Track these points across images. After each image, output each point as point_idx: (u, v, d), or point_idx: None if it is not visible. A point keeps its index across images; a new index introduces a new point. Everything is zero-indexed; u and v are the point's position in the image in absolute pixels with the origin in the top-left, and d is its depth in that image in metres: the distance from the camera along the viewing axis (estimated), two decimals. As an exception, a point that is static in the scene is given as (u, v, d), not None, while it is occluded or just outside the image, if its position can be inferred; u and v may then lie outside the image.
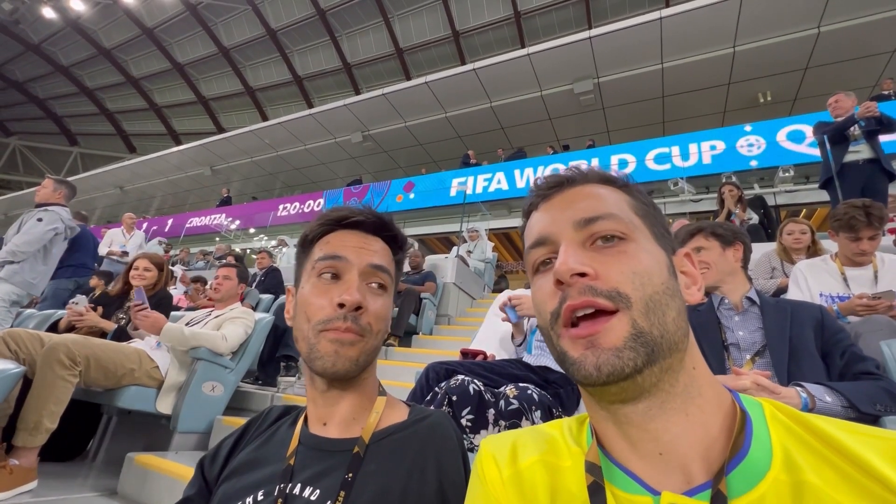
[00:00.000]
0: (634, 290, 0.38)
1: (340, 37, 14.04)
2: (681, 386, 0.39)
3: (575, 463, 0.42)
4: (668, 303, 0.39)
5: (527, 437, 0.48)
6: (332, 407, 0.61)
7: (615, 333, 0.37)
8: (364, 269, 0.61)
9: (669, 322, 0.38)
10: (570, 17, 11.89)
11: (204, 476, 0.63)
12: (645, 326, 0.37)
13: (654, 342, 0.37)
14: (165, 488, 1.63)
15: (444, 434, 0.60)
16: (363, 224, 0.65)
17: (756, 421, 0.38)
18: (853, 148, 3.52)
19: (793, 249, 2.65)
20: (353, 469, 0.54)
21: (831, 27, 6.75)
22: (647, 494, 0.37)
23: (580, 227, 0.42)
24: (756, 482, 0.34)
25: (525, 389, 1.13)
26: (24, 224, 2.99)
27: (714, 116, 8.84)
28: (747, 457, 0.36)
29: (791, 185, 6.34)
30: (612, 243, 0.41)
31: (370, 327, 0.60)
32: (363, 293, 0.59)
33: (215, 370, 2.18)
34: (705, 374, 0.40)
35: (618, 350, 0.37)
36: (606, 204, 0.43)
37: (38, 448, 1.53)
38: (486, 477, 0.46)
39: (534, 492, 0.43)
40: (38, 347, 1.80)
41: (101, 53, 16.17)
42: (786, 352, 1.20)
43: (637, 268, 0.40)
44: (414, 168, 11.30)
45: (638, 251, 0.41)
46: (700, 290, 0.44)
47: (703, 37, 7.27)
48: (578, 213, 0.43)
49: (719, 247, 1.40)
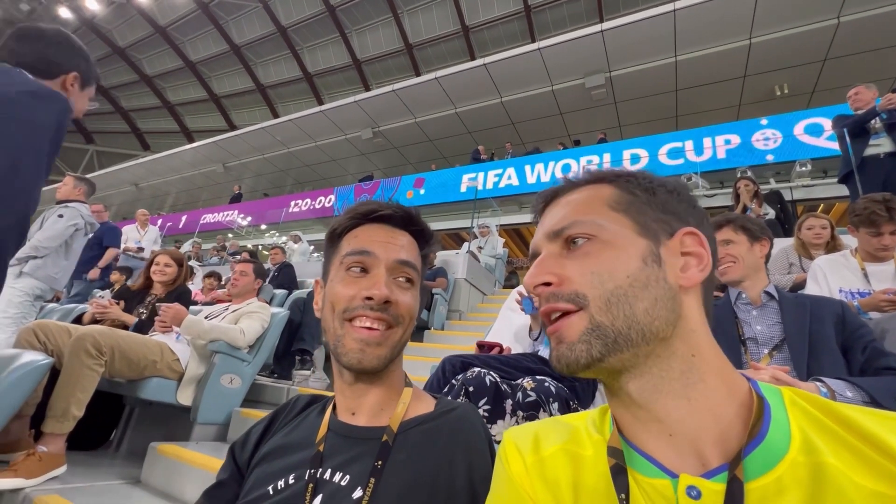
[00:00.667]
0: (592, 288, 0.41)
1: (350, 33, 14.07)
2: (675, 372, 0.40)
3: (597, 452, 0.44)
4: (637, 294, 0.40)
5: (549, 427, 0.50)
6: (360, 398, 0.62)
7: (573, 329, 0.41)
8: (391, 264, 0.62)
9: (640, 312, 0.40)
10: (581, 10, 11.75)
11: (235, 461, 0.65)
12: (604, 321, 0.40)
13: (617, 332, 0.40)
14: (187, 477, 1.67)
15: (473, 426, 0.61)
16: (391, 218, 0.66)
17: (775, 407, 0.39)
18: (874, 141, 3.43)
19: (812, 245, 2.61)
20: (383, 457, 0.56)
21: (852, 17, 6.58)
22: (666, 477, 0.38)
23: (552, 239, 0.46)
24: (773, 465, 0.35)
25: (542, 382, 1.14)
26: (46, 220, 3.07)
27: (729, 110, 8.69)
28: (765, 440, 0.36)
29: (808, 179, 6.22)
30: (579, 246, 0.44)
31: (400, 320, 0.61)
32: (391, 287, 0.60)
33: (233, 363, 2.23)
34: (710, 362, 0.41)
35: (571, 344, 0.41)
36: (574, 211, 0.46)
37: (66, 435, 1.58)
38: (510, 465, 0.48)
39: (556, 479, 0.44)
40: (65, 339, 1.86)
41: (115, 52, 16.41)
42: (805, 347, 1.19)
43: (596, 267, 0.42)
44: (424, 164, 11.31)
45: (601, 250, 0.43)
46: (703, 271, 0.44)
47: (717, 29, 7.14)
48: (550, 225, 0.47)
49: (747, 241, 1.38)
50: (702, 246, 0.45)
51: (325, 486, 0.55)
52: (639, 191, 0.46)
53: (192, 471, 1.67)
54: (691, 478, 0.37)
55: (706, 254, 0.44)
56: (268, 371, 3.32)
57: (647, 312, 0.40)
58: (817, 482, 0.33)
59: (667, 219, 0.45)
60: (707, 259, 0.44)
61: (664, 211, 0.46)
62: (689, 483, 0.36)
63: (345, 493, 0.54)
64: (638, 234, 0.44)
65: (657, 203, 0.46)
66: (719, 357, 0.42)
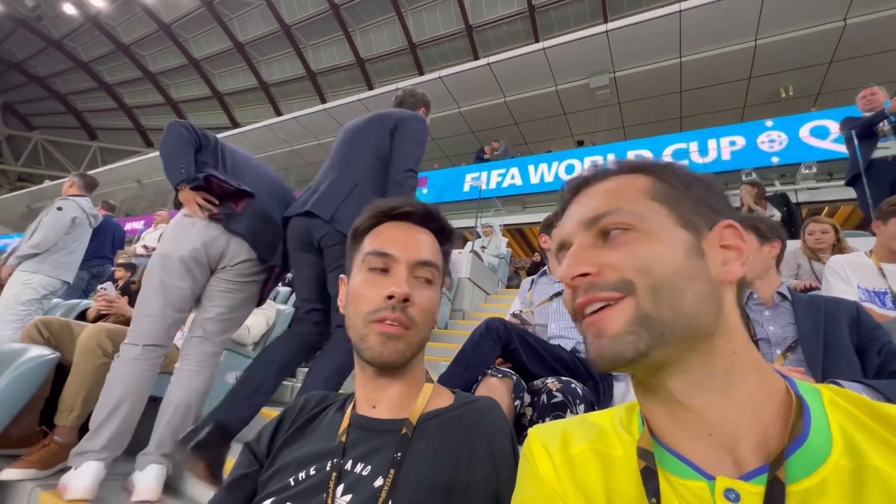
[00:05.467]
0: (639, 274, 0.39)
1: (353, 31, 14.05)
2: (719, 369, 0.39)
3: (626, 451, 0.43)
4: (684, 285, 0.39)
5: (576, 425, 0.48)
6: (381, 392, 0.63)
7: (617, 320, 0.39)
8: (411, 263, 0.63)
9: (686, 305, 0.38)
10: (586, 10, 11.71)
11: (255, 455, 0.65)
12: (651, 310, 0.38)
13: (664, 324, 0.38)
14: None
15: (493, 418, 0.61)
16: (411, 215, 0.67)
17: (814, 407, 0.38)
18: (882, 144, 3.42)
19: (817, 249, 2.60)
20: (402, 449, 0.56)
21: (859, 19, 6.55)
22: (701, 479, 0.37)
23: (588, 227, 0.44)
24: (816, 467, 0.34)
25: (569, 383, 1.12)
26: (46, 217, 3.08)
27: (733, 111, 8.67)
28: (806, 442, 0.35)
29: (814, 182, 6.20)
30: (618, 236, 0.42)
31: (417, 319, 0.61)
32: (411, 286, 0.61)
33: (239, 360, 2.22)
34: (750, 360, 0.40)
35: (616, 337, 0.38)
36: (613, 199, 0.44)
37: (78, 427, 1.58)
38: (538, 464, 0.46)
39: (586, 479, 0.43)
40: (67, 335, 1.86)
41: (119, 49, 16.43)
42: (820, 348, 1.18)
43: (642, 254, 0.40)
44: (427, 163, 11.29)
45: (644, 239, 0.41)
46: (743, 265, 0.42)
47: (723, 30, 7.12)
48: (586, 213, 0.45)
49: (756, 242, 1.38)
50: (741, 239, 0.43)
51: (347, 476, 0.56)
52: (676, 182, 0.45)
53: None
54: (729, 480, 0.35)
55: (746, 248, 0.43)
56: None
57: (694, 305, 0.39)
58: (862, 486, 0.32)
59: (704, 211, 0.44)
60: (747, 253, 0.43)
61: (702, 203, 0.44)
62: (727, 486, 0.35)
63: (366, 482, 0.54)
64: (679, 226, 0.42)
65: (694, 195, 0.45)
66: (757, 354, 0.41)
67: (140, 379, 1.46)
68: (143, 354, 1.46)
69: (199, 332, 1.61)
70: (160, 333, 1.51)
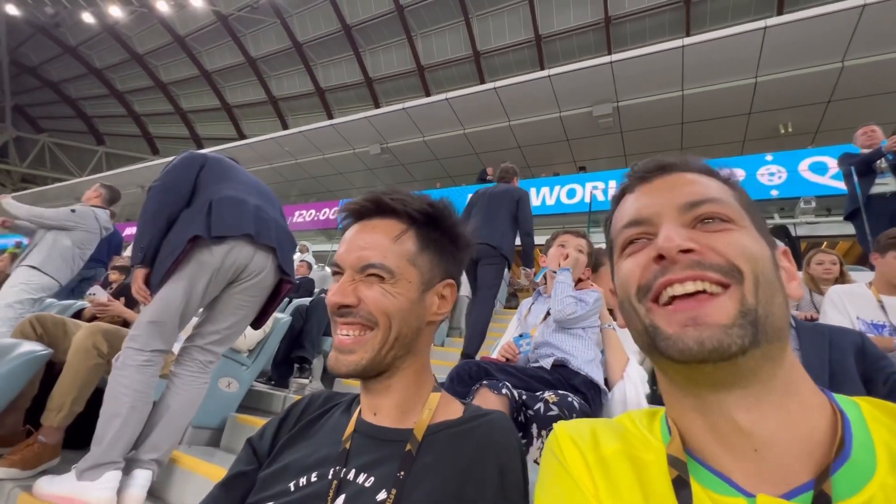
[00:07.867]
0: (746, 262, 0.38)
1: (364, 52, 14.40)
2: (779, 380, 0.37)
3: (657, 457, 0.41)
4: (776, 286, 0.39)
5: (604, 425, 0.47)
6: (379, 398, 0.61)
7: (723, 311, 0.36)
8: (355, 267, 0.59)
9: (776, 307, 0.38)
10: (591, 42, 12.06)
11: (256, 453, 0.63)
12: (752, 303, 0.36)
13: (760, 321, 0.36)
14: (177, 480, 1.62)
15: (504, 433, 0.58)
16: (360, 213, 0.63)
17: (855, 422, 0.36)
18: (880, 180, 3.48)
19: (822, 280, 2.61)
20: (405, 468, 0.53)
21: (856, 62, 6.74)
22: (740, 496, 0.35)
23: (684, 211, 0.42)
24: (862, 485, 0.33)
25: (566, 397, 1.11)
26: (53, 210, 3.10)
27: (734, 145, 8.82)
28: (850, 458, 0.34)
29: (813, 216, 6.26)
30: (716, 224, 0.41)
31: (373, 317, 0.57)
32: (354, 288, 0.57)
33: (232, 367, 2.19)
34: (801, 373, 0.39)
35: (726, 327, 0.36)
36: (711, 190, 0.43)
37: (64, 428, 1.54)
38: (567, 459, 0.44)
39: (621, 482, 0.41)
40: (61, 333, 1.83)
41: (133, 58, 16.76)
42: (826, 376, 1.17)
43: (747, 244, 0.39)
44: (429, 182, 11.40)
45: (744, 235, 0.40)
46: (798, 288, 0.43)
47: (725, 66, 7.31)
48: (683, 196, 0.43)
49: None
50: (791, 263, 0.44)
51: (348, 487, 0.53)
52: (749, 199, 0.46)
53: (183, 474, 1.61)
54: (770, 499, 0.33)
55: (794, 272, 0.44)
56: (265, 378, 3.25)
57: (781, 308, 0.38)
58: None
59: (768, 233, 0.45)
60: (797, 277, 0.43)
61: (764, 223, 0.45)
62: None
63: (368, 494, 0.51)
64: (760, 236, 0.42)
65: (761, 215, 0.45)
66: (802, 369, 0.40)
67: (148, 384, 1.43)
68: (150, 360, 1.43)
69: (202, 342, 1.59)
70: (169, 339, 1.48)
